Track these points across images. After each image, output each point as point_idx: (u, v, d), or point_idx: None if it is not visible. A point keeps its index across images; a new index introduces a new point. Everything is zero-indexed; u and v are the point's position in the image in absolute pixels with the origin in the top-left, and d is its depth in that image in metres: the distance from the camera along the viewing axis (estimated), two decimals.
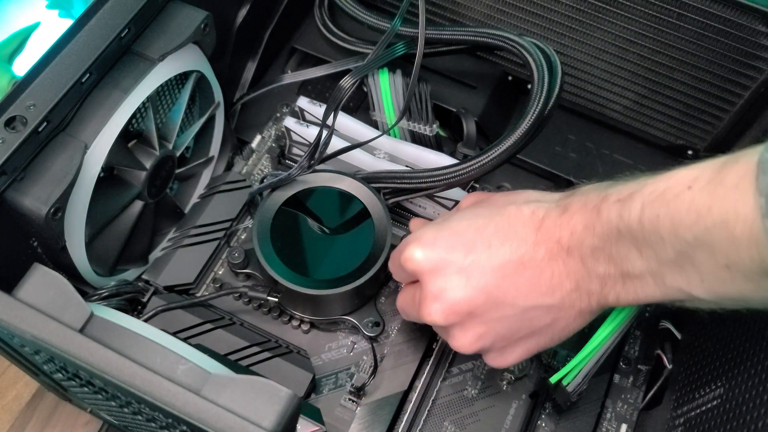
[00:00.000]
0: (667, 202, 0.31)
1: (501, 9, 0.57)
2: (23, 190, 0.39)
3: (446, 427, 0.48)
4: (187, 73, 0.49)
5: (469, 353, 0.41)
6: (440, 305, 0.39)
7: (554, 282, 0.38)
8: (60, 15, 0.70)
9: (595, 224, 0.35)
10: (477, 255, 0.39)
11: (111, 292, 0.46)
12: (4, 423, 0.54)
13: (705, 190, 0.30)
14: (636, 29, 0.54)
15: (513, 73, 0.61)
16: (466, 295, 0.39)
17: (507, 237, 0.39)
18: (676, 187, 0.31)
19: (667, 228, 0.31)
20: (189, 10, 0.46)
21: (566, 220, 0.37)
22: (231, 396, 0.31)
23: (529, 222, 0.39)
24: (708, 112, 0.57)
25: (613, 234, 0.34)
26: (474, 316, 0.39)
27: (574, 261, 0.37)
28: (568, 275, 0.37)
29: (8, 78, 0.65)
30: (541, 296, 0.38)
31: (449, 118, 0.58)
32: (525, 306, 0.38)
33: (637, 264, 0.34)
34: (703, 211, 0.30)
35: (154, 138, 0.47)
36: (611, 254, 0.35)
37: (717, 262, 0.30)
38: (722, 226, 0.29)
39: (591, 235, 0.35)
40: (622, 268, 0.35)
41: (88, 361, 0.31)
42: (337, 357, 0.50)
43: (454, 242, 0.40)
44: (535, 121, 0.46)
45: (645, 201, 0.33)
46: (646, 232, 0.32)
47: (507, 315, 0.39)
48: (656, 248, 0.32)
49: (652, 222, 0.32)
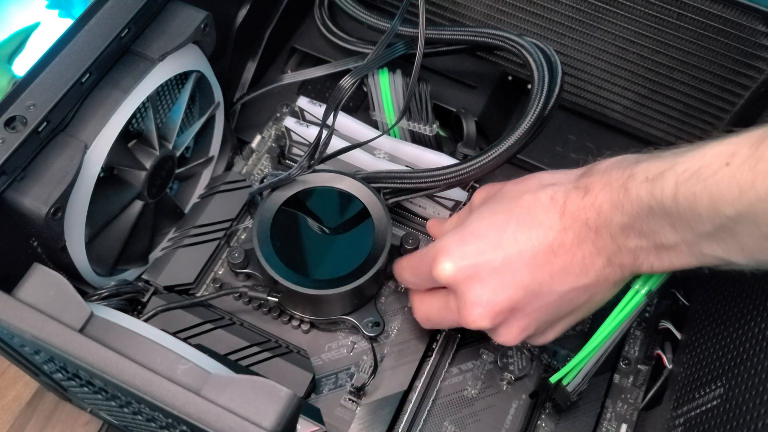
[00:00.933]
0: (704, 179, 0.32)
1: (501, 9, 0.57)
2: (23, 190, 0.39)
3: (446, 427, 0.48)
4: (187, 73, 0.49)
5: (515, 344, 0.42)
6: (483, 309, 0.40)
7: (586, 262, 0.38)
8: (60, 15, 0.70)
9: (623, 203, 0.35)
10: (507, 253, 0.39)
11: (111, 292, 0.46)
12: (4, 423, 0.54)
13: (745, 166, 0.30)
14: (636, 29, 0.54)
15: (513, 73, 0.61)
16: (506, 295, 0.39)
17: (531, 227, 0.39)
18: (713, 165, 0.31)
19: (706, 204, 0.32)
20: (189, 10, 0.46)
21: (590, 201, 0.37)
22: (231, 396, 0.31)
23: (550, 208, 0.39)
24: (708, 112, 0.57)
25: (644, 211, 0.35)
26: (516, 311, 0.40)
27: (603, 239, 0.37)
28: (599, 253, 0.38)
29: (8, 78, 0.65)
30: (576, 278, 0.38)
31: (449, 118, 0.58)
32: (562, 291, 0.39)
33: (671, 237, 0.34)
34: (746, 186, 0.30)
35: (154, 138, 0.47)
36: (642, 230, 0.35)
37: (761, 233, 0.31)
38: (767, 199, 0.29)
39: (620, 213, 0.36)
40: (656, 241, 0.35)
41: (88, 361, 0.31)
42: (337, 357, 0.50)
43: (481, 246, 0.40)
44: (535, 121, 0.46)
45: (679, 179, 0.33)
46: (681, 209, 0.33)
47: (547, 303, 0.40)
48: (693, 223, 0.33)
49: (688, 199, 0.32)
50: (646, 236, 0.35)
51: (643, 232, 0.35)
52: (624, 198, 0.35)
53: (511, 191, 0.42)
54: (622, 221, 0.36)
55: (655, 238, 0.35)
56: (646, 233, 0.35)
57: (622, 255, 0.37)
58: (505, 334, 0.41)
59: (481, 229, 0.41)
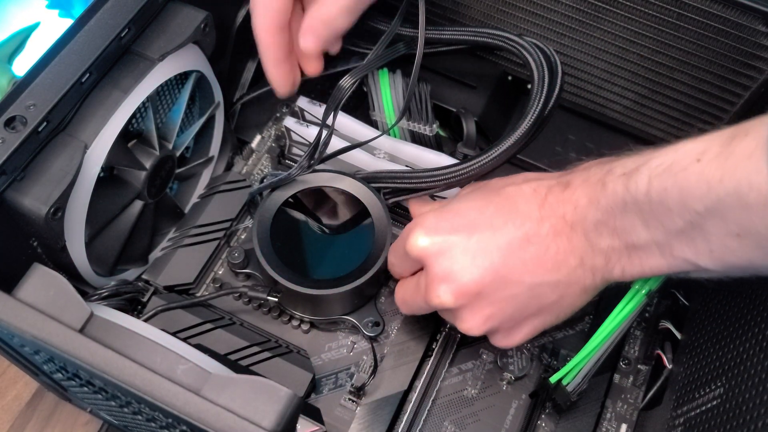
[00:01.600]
0: (675, 174, 0.32)
1: (501, 9, 0.57)
2: (23, 190, 0.39)
3: (446, 427, 0.48)
4: (187, 73, 0.49)
5: (477, 335, 0.41)
6: (448, 286, 0.39)
7: (559, 258, 0.38)
8: (60, 15, 0.70)
9: (599, 198, 0.36)
10: (481, 234, 0.39)
11: (111, 292, 0.46)
12: (3, 423, 0.54)
13: (715, 162, 0.31)
14: (636, 29, 0.54)
15: (513, 73, 0.61)
16: (473, 275, 0.39)
17: (510, 214, 0.39)
18: (684, 160, 0.32)
19: (676, 199, 0.32)
20: (189, 10, 0.46)
21: (569, 195, 0.37)
22: (231, 396, 0.31)
23: (531, 199, 0.39)
24: (708, 112, 0.57)
25: (618, 206, 0.35)
26: (482, 296, 0.39)
27: (577, 236, 0.37)
28: (573, 251, 0.38)
29: (8, 78, 0.65)
30: (548, 272, 0.38)
31: (449, 118, 0.58)
32: (532, 283, 0.39)
33: (643, 235, 0.34)
34: (714, 182, 0.30)
35: (154, 138, 0.47)
36: (615, 227, 0.35)
37: (728, 231, 0.31)
38: (735, 196, 0.30)
39: (595, 208, 0.36)
40: (627, 240, 0.35)
41: (88, 360, 0.31)
42: (337, 357, 0.50)
43: (457, 223, 0.40)
44: (535, 121, 0.46)
45: (652, 174, 0.33)
46: (653, 204, 0.33)
47: (514, 293, 0.39)
48: (663, 219, 0.33)
49: (660, 194, 0.33)
50: (619, 234, 0.35)
51: (616, 230, 0.36)
52: (600, 193, 0.36)
53: (497, 183, 0.42)
54: (596, 217, 0.36)
55: (627, 237, 0.35)
56: (618, 231, 0.35)
57: (594, 256, 0.37)
58: (468, 319, 0.41)
59: (460, 209, 0.41)
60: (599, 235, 0.36)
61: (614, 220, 0.35)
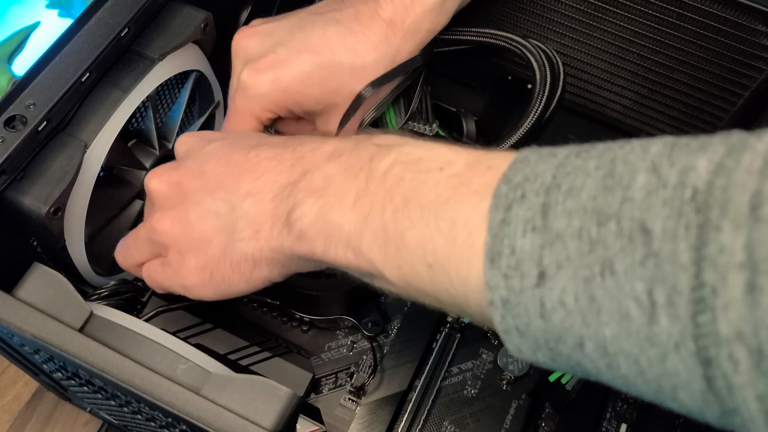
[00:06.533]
0: (418, 171, 0.30)
1: (501, 9, 0.57)
2: (23, 190, 0.39)
3: (446, 427, 0.48)
4: (187, 73, 0.49)
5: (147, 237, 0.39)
6: (158, 180, 0.39)
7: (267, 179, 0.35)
8: (59, 14, 0.70)
9: (345, 148, 0.33)
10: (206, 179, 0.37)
11: (111, 292, 0.46)
12: (3, 423, 0.53)
13: (453, 180, 0.28)
14: (636, 29, 0.54)
15: (513, 73, 0.61)
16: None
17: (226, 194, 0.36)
18: (432, 162, 0.30)
19: (402, 195, 0.30)
20: (189, 10, 0.46)
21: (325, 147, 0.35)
22: (231, 395, 0.31)
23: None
24: (708, 112, 0.57)
25: (352, 170, 0.32)
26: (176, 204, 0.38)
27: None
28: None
29: (8, 77, 0.65)
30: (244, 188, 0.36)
31: (449, 118, 0.58)
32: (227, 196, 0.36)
33: (348, 215, 0.31)
34: (441, 199, 0.28)
35: (153, 137, 0.47)
36: (330, 190, 0.32)
37: (424, 255, 0.28)
38: (449, 224, 0.28)
39: (336, 160, 0.33)
40: (329, 209, 0.32)
41: (88, 360, 0.31)
42: (337, 357, 0.50)
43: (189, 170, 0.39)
44: (536, 121, 0.46)
45: (398, 158, 0.31)
46: (380, 187, 0.31)
47: (196, 200, 0.37)
48: (376, 207, 0.30)
49: (392, 182, 0.30)
50: (328, 193, 0.32)
51: (328, 190, 0.32)
52: (351, 152, 0.33)
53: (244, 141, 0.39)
54: (329, 162, 0.33)
55: (333, 203, 0.32)
56: (331, 192, 0.32)
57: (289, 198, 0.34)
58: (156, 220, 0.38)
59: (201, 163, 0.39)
60: (311, 177, 0.33)
61: (336, 183, 0.32)
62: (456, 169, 0.29)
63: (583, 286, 0.23)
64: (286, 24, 0.45)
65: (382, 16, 0.43)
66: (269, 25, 0.45)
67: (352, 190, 0.31)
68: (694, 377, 0.21)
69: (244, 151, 0.37)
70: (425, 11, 0.44)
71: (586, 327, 0.24)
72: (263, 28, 0.45)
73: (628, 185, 0.23)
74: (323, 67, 0.43)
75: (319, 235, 0.32)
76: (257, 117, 0.44)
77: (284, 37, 0.44)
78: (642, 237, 0.22)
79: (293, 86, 0.43)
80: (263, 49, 0.44)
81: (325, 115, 0.46)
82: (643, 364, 0.23)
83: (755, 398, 0.20)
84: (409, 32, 0.44)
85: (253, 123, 0.45)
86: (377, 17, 0.43)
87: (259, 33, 0.45)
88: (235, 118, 0.45)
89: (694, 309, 0.21)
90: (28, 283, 0.34)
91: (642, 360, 0.23)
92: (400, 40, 0.44)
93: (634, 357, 0.23)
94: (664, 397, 0.23)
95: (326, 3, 0.46)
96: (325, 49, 0.43)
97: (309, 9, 0.46)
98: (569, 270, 0.24)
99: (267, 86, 0.43)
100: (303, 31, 0.44)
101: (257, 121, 0.45)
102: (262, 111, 0.44)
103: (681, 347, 0.21)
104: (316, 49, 0.43)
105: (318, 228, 0.32)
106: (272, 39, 0.44)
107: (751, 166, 0.21)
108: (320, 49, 0.43)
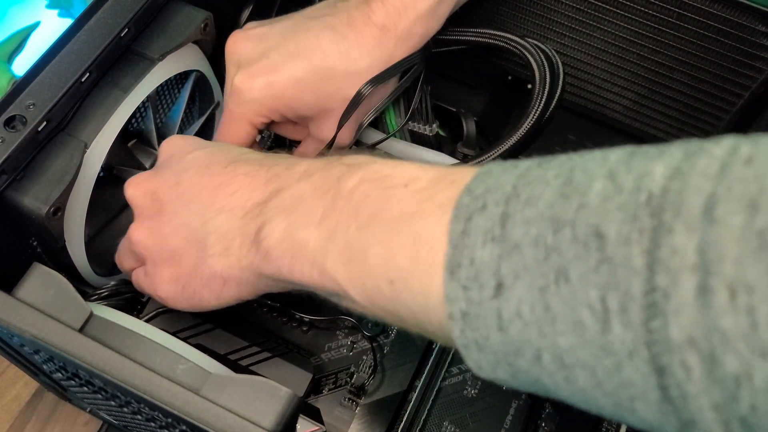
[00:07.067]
0: (384, 188, 0.30)
1: (501, 9, 0.57)
2: (23, 190, 0.39)
3: (446, 427, 0.48)
4: (187, 73, 0.49)
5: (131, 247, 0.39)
6: (136, 188, 0.39)
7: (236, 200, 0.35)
8: (59, 15, 0.70)
9: (317, 170, 0.33)
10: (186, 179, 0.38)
11: (111, 292, 0.46)
12: (3, 423, 0.53)
13: (417, 195, 0.28)
14: (636, 29, 0.54)
15: (513, 73, 0.61)
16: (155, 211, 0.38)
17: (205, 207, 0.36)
18: (396, 179, 0.30)
19: (368, 212, 0.29)
20: (189, 10, 0.46)
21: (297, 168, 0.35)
22: (231, 395, 0.31)
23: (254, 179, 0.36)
24: (708, 112, 0.57)
25: (321, 189, 0.32)
26: (155, 215, 0.38)
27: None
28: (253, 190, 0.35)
29: (8, 77, 0.65)
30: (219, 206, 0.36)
31: (449, 118, 0.58)
32: (196, 217, 0.36)
33: (313, 232, 0.31)
34: (406, 214, 0.28)
35: (153, 138, 0.47)
36: (301, 207, 0.32)
37: (386, 272, 0.28)
38: (412, 239, 0.27)
39: (307, 179, 0.33)
40: (297, 227, 0.32)
41: (88, 360, 0.31)
42: (337, 357, 0.50)
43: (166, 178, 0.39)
44: (536, 122, 0.46)
45: (365, 176, 0.31)
46: (347, 205, 0.30)
47: (179, 214, 0.37)
48: (342, 224, 0.30)
49: (358, 199, 0.30)
50: (297, 213, 0.32)
51: (299, 209, 0.32)
52: (322, 171, 0.33)
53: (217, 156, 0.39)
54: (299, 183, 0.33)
55: (301, 221, 0.32)
56: (302, 211, 0.32)
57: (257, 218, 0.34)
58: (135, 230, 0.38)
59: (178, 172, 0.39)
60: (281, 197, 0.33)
61: (305, 202, 0.32)
62: (421, 185, 0.29)
63: (539, 296, 0.23)
64: (279, 28, 0.45)
65: (375, 22, 0.43)
66: (262, 29, 0.45)
67: (319, 208, 0.31)
68: (649, 387, 0.21)
69: (221, 165, 0.37)
70: (418, 16, 0.44)
71: (542, 338, 0.23)
72: (256, 32, 0.45)
73: (585, 192, 0.23)
74: (317, 73, 0.43)
75: (285, 253, 0.32)
76: (251, 122, 0.45)
77: (277, 42, 0.44)
78: (596, 242, 0.22)
79: (286, 91, 0.43)
80: (256, 53, 0.44)
81: (318, 120, 0.46)
82: (599, 374, 0.22)
83: (710, 407, 0.20)
84: (402, 37, 0.44)
85: (246, 128, 0.45)
86: (370, 23, 0.43)
87: (252, 37, 0.45)
88: (229, 123, 0.45)
89: (647, 314, 0.20)
90: (28, 283, 0.34)
91: (598, 370, 0.22)
92: (393, 45, 0.44)
93: (590, 368, 0.22)
94: (623, 411, 0.23)
95: (319, 7, 0.46)
96: (318, 54, 0.43)
97: (302, 13, 0.46)
98: (526, 279, 0.23)
99: (260, 92, 0.43)
100: (296, 36, 0.44)
101: (251, 125, 0.45)
102: (255, 116, 0.44)
103: (635, 355, 0.21)
104: (309, 55, 0.43)
105: (285, 246, 0.32)
106: (265, 44, 0.44)
107: (707, 170, 0.20)
108: (313, 54, 0.43)
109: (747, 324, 0.18)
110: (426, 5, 0.44)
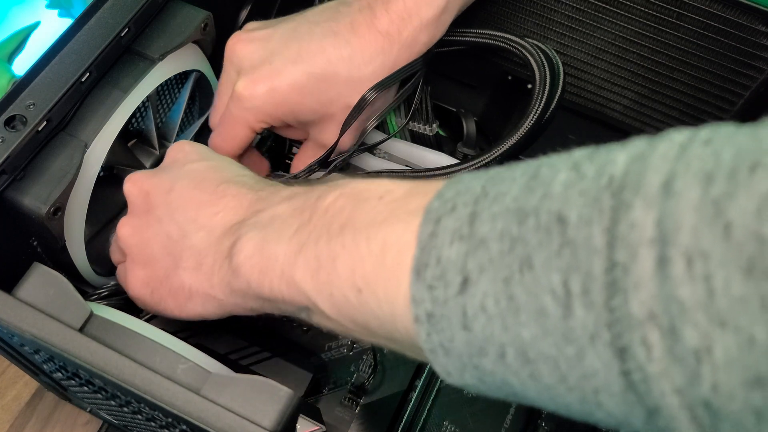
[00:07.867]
0: (358, 201, 0.30)
1: (501, 9, 0.57)
2: (23, 189, 0.39)
3: (446, 426, 0.48)
4: (187, 73, 0.49)
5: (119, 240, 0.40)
6: (134, 185, 0.40)
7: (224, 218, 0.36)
8: (60, 14, 0.70)
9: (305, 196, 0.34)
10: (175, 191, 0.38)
11: (111, 292, 0.46)
12: (3, 423, 0.53)
13: (391, 205, 0.28)
14: (636, 29, 0.54)
15: (513, 73, 0.61)
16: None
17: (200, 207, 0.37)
18: (371, 192, 0.30)
19: (341, 221, 0.30)
20: (189, 10, 0.46)
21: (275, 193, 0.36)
22: (231, 395, 0.31)
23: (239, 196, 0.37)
24: (708, 112, 0.57)
25: (298, 208, 0.32)
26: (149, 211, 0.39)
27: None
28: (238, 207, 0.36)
29: (8, 77, 0.65)
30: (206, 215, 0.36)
31: (449, 118, 0.58)
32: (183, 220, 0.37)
33: (282, 245, 0.31)
34: (377, 222, 0.28)
35: (153, 137, 0.47)
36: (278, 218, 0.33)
37: (353, 280, 0.28)
38: (380, 245, 0.27)
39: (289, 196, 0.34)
40: (264, 239, 0.32)
41: (88, 360, 0.31)
42: (337, 357, 0.50)
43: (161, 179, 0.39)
44: (536, 122, 0.46)
45: (342, 192, 0.31)
46: (323, 217, 0.31)
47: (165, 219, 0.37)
48: (314, 234, 0.30)
49: (334, 211, 0.30)
50: (271, 226, 0.33)
51: (274, 221, 0.33)
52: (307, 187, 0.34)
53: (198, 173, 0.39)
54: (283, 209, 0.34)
55: (281, 232, 0.32)
56: (273, 225, 0.33)
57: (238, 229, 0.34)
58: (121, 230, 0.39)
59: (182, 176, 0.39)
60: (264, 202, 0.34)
61: (281, 220, 0.33)
62: (395, 196, 0.29)
63: (502, 287, 0.23)
64: (281, 32, 0.44)
65: (378, 28, 0.43)
66: (264, 31, 0.45)
67: (294, 224, 0.32)
68: (612, 375, 0.21)
69: (213, 184, 0.37)
70: (422, 25, 0.44)
71: (505, 332, 0.23)
72: (258, 35, 0.45)
73: (550, 183, 0.23)
74: (319, 79, 0.43)
75: (255, 267, 0.32)
76: (251, 127, 0.45)
77: (280, 47, 0.44)
78: (558, 227, 0.22)
79: (289, 97, 0.43)
80: (258, 58, 0.44)
81: (319, 125, 0.46)
82: (562, 366, 0.22)
83: (673, 392, 0.19)
84: (406, 45, 0.44)
85: (246, 131, 0.45)
86: (374, 29, 0.43)
87: (254, 40, 0.44)
88: (230, 126, 0.45)
89: (608, 293, 0.20)
90: (28, 283, 0.34)
91: (561, 362, 0.22)
92: (396, 52, 0.44)
93: (553, 359, 0.22)
94: (590, 407, 0.23)
95: (322, 10, 0.45)
96: (321, 60, 0.43)
97: (304, 16, 0.46)
98: (490, 272, 0.23)
99: (263, 98, 0.43)
100: (299, 41, 0.43)
101: (250, 129, 0.45)
102: (256, 122, 0.44)
103: (596, 339, 0.21)
104: (312, 60, 0.43)
105: (254, 260, 0.32)
106: (268, 48, 0.44)
107: (667, 153, 0.21)
108: (316, 60, 0.43)
109: (704, 292, 0.18)
110: (430, 14, 0.44)
